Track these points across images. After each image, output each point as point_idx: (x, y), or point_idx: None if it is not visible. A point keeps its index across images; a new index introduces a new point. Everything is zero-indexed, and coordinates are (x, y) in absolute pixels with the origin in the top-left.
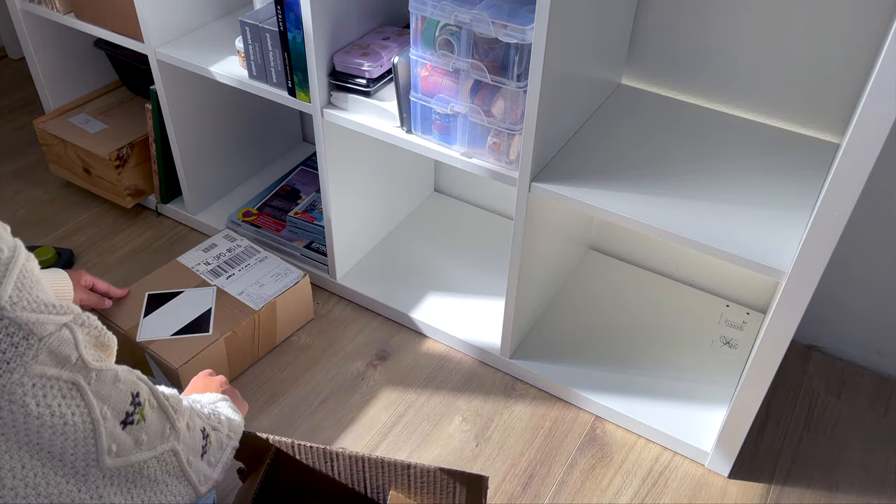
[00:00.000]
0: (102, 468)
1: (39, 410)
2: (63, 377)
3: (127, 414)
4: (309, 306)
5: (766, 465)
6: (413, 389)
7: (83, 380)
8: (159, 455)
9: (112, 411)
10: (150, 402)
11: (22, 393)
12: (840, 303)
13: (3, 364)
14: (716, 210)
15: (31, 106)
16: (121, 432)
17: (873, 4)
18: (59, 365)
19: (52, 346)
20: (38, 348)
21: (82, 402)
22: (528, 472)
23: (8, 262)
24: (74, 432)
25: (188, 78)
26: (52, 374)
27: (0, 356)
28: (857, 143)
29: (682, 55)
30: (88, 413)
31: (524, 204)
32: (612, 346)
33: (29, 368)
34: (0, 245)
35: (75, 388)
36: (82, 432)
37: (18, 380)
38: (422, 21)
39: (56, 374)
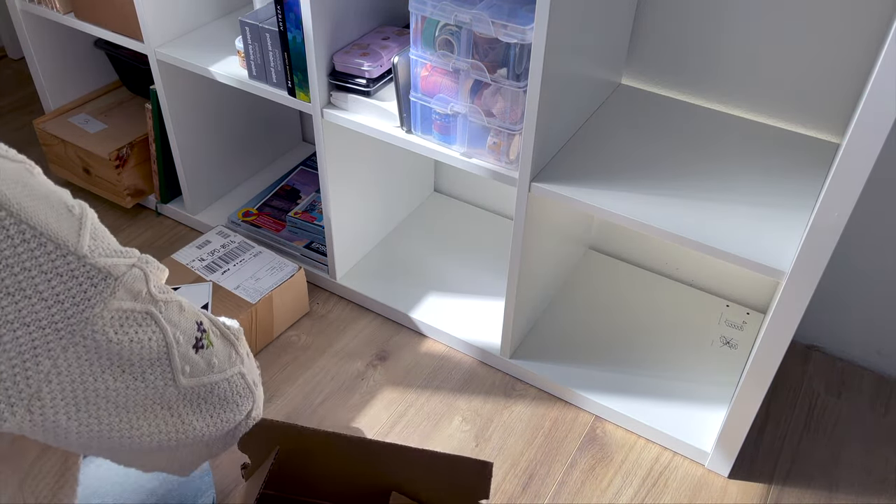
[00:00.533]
0: (178, 387)
1: (119, 338)
2: (138, 308)
3: (196, 339)
4: (304, 299)
5: (766, 465)
6: (413, 389)
7: (155, 309)
8: (230, 377)
9: (184, 336)
10: (213, 330)
11: (102, 324)
12: (840, 303)
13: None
14: (716, 210)
15: (31, 106)
16: (194, 355)
17: (873, 4)
18: (133, 299)
19: (127, 283)
20: (115, 286)
21: (157, 328)
22: (528, 472)
23: (80, 216)
24: (150, 354)
25: (188, 78)
26: (127, 308)
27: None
28: (857, 143)
29: (682, 55)
30: (163, 337)
31: (524, 204)
32: (612, 346)
33: (108, 304)
34: (72, 203)
35: (150, 317)
36: (157, 353)
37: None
38: (422, 21)
39: (131, 307)
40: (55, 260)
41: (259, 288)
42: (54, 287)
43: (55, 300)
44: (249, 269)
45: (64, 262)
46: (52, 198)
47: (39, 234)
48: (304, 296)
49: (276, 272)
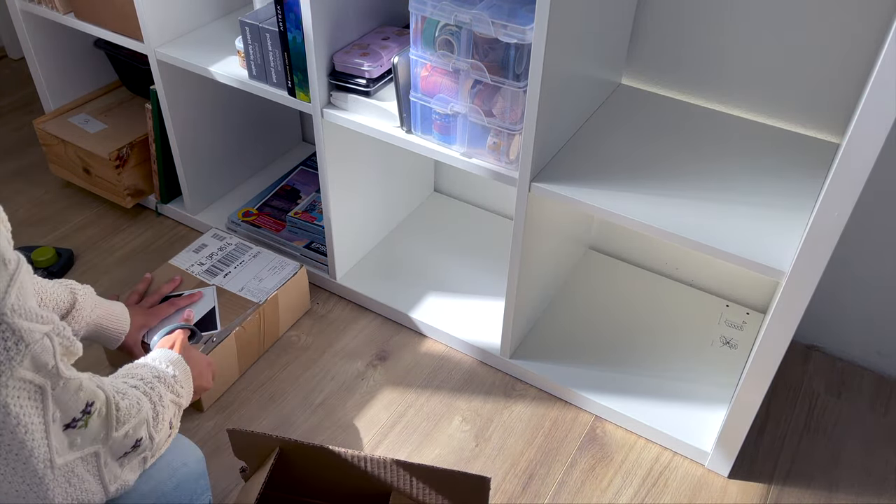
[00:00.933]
0: (54, 468)
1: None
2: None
3: (73, 419)
4: (306, 296)
5: (766, 465)
6: (413, 389)
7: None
8: (84, 456)
9: (62, 415)
10: (101, 411)
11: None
12: (840, 303)
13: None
14: (716, 210)
15: (31, 106)
16: (61, 433)
17: (873, 4)
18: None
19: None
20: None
21: (41, 404)
22: (528, 472)
23: (13, 273)
24: (36, 432)
25: (188, 78)
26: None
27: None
28: (857, 143)
29: (681, 55)
30: (42, 415)
31: (524, 204)
32: (612, 346)
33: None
34: (8, 256)
35: (40, 393)
36: (39, 433)
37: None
38: (422, 21)
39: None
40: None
41: (264, 288)
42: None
43: None
44: (251, 271)
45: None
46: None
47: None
48: (307, 293)
49: (278, 271)
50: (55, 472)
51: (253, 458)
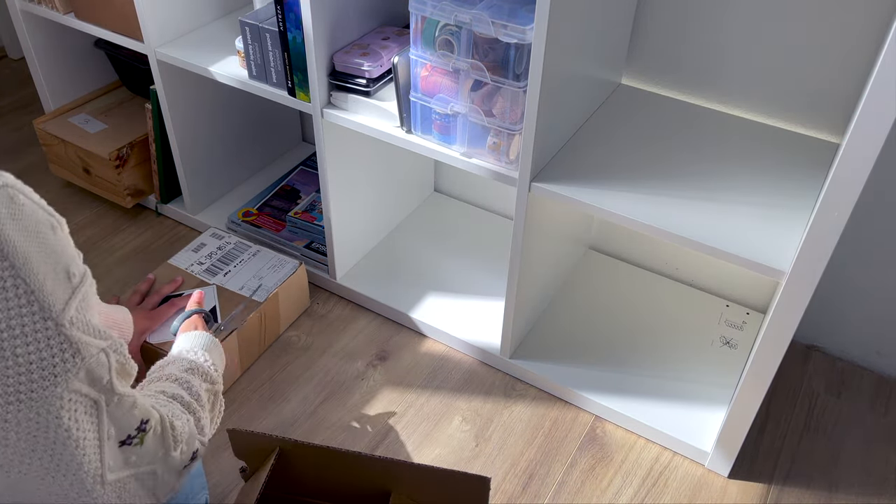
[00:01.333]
0: (105, 484)
1: (69, 424)
2: (91, 395)
3: (129, 436)
4: (305, 294)
5: (766, 465)
6: (413, 389)
7: (104, 400)
8: (138, 474)
9: (117, 431)
10: (156, 430)
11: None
12: (840, 303)
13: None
14: (716, 210)
15: (31, 106)
16: (116, 449)
17: (873, 4)
18: (92, 384)
19: (91, 366)
20: (80, 367)
21: (97, 419)
22: (528, 472)
23: (77, 286)
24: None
25: (188, 78)
26: (84, 392)
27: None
28: (857, 143)
29: (681, 55)
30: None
31: (524, 204)
32: (612, 346)
33: (70, 384)
34: (73, 270)
35: (95, 407)
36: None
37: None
38: (422, 21)
39: (87, 392)
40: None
41: (264, 286)
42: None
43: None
44: (250, 269)
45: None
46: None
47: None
48: (306, 291)
49: (278, 270)
50: (105, 488)
51: (253, 458)
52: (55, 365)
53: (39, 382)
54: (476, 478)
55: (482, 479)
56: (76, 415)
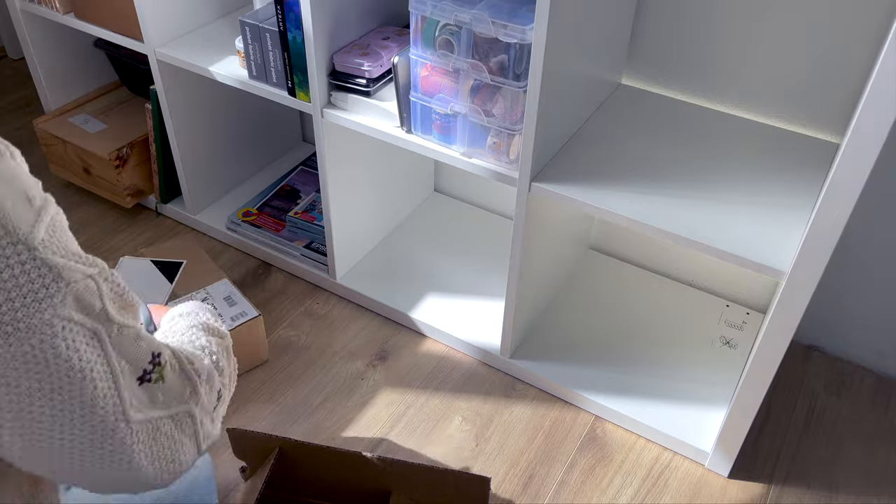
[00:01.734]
0: (129, 422)
1: (69, 353)
2: (87, 324)
3: (144, 371)
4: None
5: (766, 465)
6: (413, 389)
7: (104, 331)
8: (174, 415)
9: (130, 367)
10: (172, 364)
11: (52, 334)
12: (840, 303)
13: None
14: (716, 210)
15: (31, 106)
16: (137, 388)
17: (873, 4)
18: (85, 312)
19: (79, 293)
20: (65, 292)
21: (102, 352)
22: (528, 472)
23: (40, 208)
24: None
25: (188, 78)
26: (77, 320)
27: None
28: (857, 143)
29: (682, 55)
30: (107, 362)
31: (524, 204)
32: (612, 346)
33: (58, 310)
34: (33, 194)
35: (96, 338)
36: (105, 382)
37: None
38: (422, 21)
39: (80, 320)
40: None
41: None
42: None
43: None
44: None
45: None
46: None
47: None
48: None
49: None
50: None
51: (253, 458)
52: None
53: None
54: (476, 478)
55: (482, 479)
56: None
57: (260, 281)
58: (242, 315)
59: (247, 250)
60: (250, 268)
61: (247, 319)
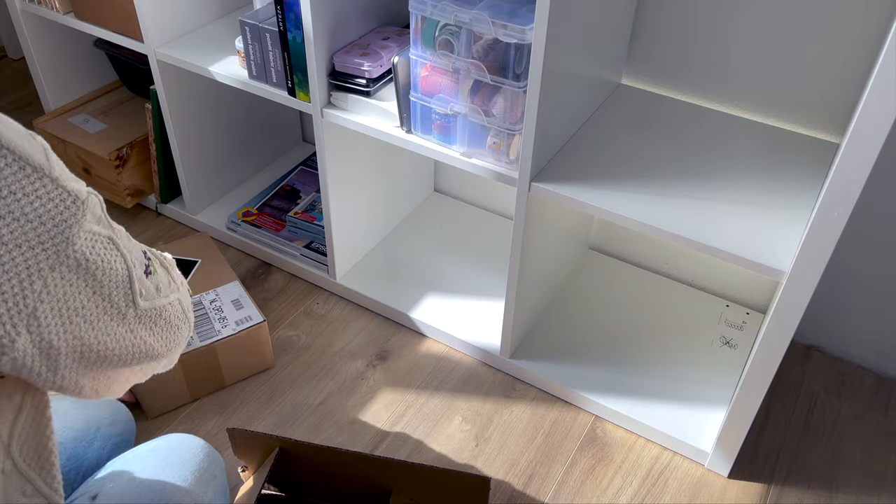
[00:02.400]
0: (137, 309)
1: (93, 258)
2: (102, 233)
3: (145, 265)
4: (266, 352)
5: (765, 465)
6: (413, 389)
7: (113, 234)
8: (171, 302)
9: (137, 261)
10: (154, 259)
11: (80, 244)
12: (840, 303)
13: (63, 223)
14: (716, 210)
15: (31, 106)
16: (145, 279)
17: (873, 4)
18: (97, 223)
19: (91, 207)
20: (84, 209)
21: (118, 253)
22: (528, 472)
23: (42, 142)
24: (118, 276)
25: (188, 78)
26: (95, 230)
27: (60, 217)
28: (857, 143)
29: (682, 55)
30: (124, 261)
31: (524, 204)
32: (612, 346)
33: (82, 226)
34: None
35: (111, 242)
36: (122, 277)
37: (76, 234)
38: (422, 21)
39: (97, 230)
40: (34, 182)
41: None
42: (37, 209)
43: (39, 221)
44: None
45: (41, 185)
46: (17, 126)
47: (19, 157)
48: (268, 349)
49: (243, 323)
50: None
51: (253, 458)
52: (62, 212)
53: (56, 230)
54: (476, 478)
55: (482, 479)
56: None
57: (260, 281)
58: (248, 319)
59: (247, 250)
60: (250, 268)
61: (252, 325)
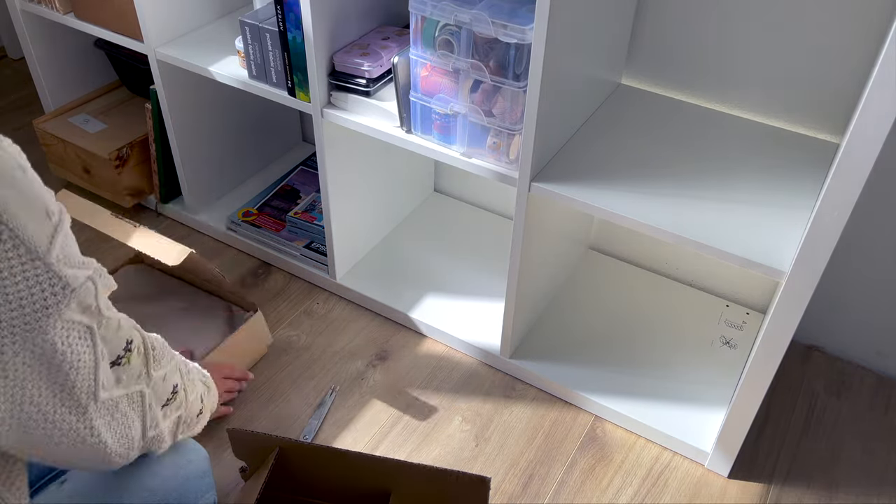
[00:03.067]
0: (98, 401)
1: (63, 349)
2: (84, 322)
3: (118, 357)
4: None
5: (765, 465)
6: (413, 389)
7: (96, 325)
8: (130, 393)
9: (109, 352)
10: (139, 349)
11: (53, 334)
12: (840, 303)
13: (43, 310)
14: (716, 210)
15: (31, 106)
16: (108, 370)
17: (873, 4)
18: (82, 312)
19: (80, 296)
20: (70, 298)
21: (91, 342)
22: (528, 472)
23: (57, 224)
24: (84, 368)
25: (188, 78)
26: (76, 319)
27: (42, 303)
28: (857, 143)
29: (682, 55)
30: (93, 352)
31: (524, 204)
32: (612, 346)
33: (62, 314)
34: (52, 208)
35: (89, 332)
36: (88, 369)
37: (53, 323)
38: (421, 21)
39: (79, 319)
40: (24, 263)
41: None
42: (20, 290)
43: (17, 304)
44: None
45: (31, 267)
46: (37, 202)
47: (16, 236)
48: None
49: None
50: (98, 405)
51: (253, 458)
52: (46, 299)
53: (32, 316)
54: (476, 478)
55: (482, 479)
56: (69, 340)
57: (260, 281)
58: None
59: (247, 250)
60: (250, 268)
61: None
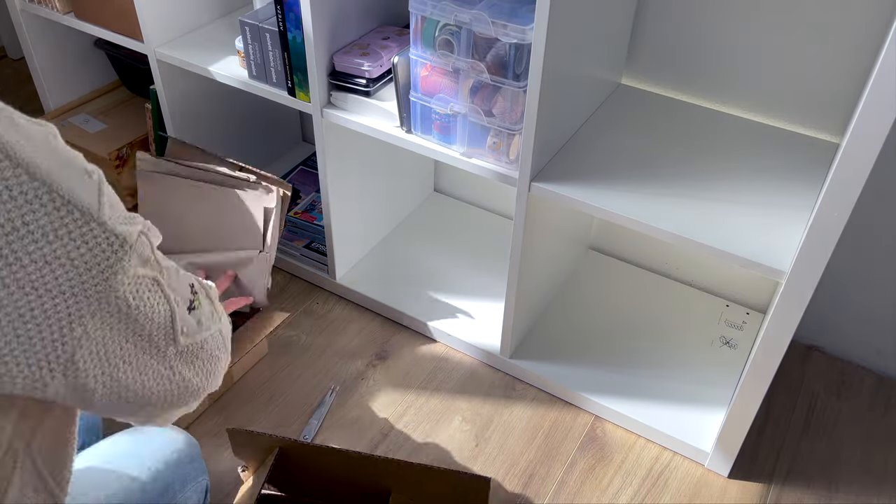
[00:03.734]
0: (177, 346)
1: (136, 303)
2: (148, 275)
3: (189, 301)
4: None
5: (765, 465)
6: (413, 389)
7: (160, 276)
8: (213, 334)
9: (181, 299)
10: (201, 290)
11: (123, 290)
12: (840, 303)
13: (109, 269)
14: (716, 210)
15: (31, 106)
16: (188, 316)
17: (873, 4)
18: (144, 265)
19: (139, 249)
20: (130, 253)
21: (162, 294)
22: (528, 472)
23: (98, 182)
24: (160, 317)
25: (188, 78)
26: (141, 273)
27: (106, 262)
28: (857, 143)
29: (682, 55)
30: (167, 302)
31: (524, 204)
32: (612, 346)
33: (126, 270)
34: (88, 167)
35: (156, 284)
36: (165, 318)
37: (121, 280)
38: (421, 21)
39: (143, 273)
40: (81, 227)
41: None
42: (83, 255)
43: (84, 267)
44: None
45: (88, 230)
46: (75, 163)
47: (67, 202)
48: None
49: None
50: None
51: (253, 458)
52: (108, 258)
53: (100, 277)
54: (476, 478)
55: (482, 479)
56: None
57: None
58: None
59: None
60: None
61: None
